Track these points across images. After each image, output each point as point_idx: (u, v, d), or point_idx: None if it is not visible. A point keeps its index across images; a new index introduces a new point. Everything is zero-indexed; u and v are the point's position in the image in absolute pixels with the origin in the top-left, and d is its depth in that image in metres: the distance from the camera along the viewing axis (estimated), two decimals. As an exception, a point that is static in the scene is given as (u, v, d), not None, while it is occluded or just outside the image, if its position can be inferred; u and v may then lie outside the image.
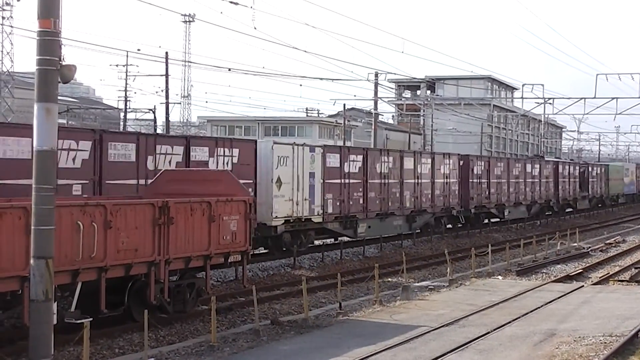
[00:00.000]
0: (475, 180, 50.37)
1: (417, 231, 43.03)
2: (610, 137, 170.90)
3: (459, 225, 49.40)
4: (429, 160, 44.59)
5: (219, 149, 29.12)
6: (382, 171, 39.69)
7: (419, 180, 43.19)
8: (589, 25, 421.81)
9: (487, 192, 52.03)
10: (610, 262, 34.90)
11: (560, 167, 65.76)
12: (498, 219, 54.79)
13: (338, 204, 36.08)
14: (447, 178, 46.11)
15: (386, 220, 40.25)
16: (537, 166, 61.49)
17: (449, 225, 48.66)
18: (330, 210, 35.47)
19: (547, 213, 64.78)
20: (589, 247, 39.86)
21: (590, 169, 75.04)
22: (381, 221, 39.73)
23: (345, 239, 37.69)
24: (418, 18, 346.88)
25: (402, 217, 41.84)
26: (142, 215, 18.17)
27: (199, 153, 28.24)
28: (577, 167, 71.20)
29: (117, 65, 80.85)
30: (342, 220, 36.67)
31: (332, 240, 37.92)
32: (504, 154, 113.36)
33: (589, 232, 51.61)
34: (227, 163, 29.18)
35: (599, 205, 78.06)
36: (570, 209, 70.33)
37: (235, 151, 29.86)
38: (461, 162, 48.77)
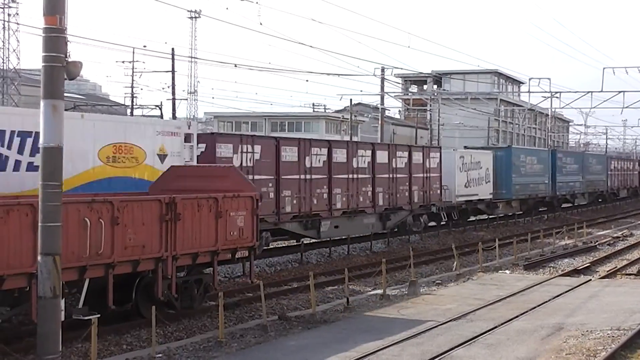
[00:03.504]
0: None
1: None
2: (617, 131, 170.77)
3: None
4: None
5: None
6: None
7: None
8: (596, 19, 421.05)
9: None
10: (618, 255, 34.86)
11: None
12: None
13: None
14: None
15: None
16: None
17: None
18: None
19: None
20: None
21: None
22: None
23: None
24: (424, 12, 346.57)
25: None
26: (149, 212, 18.18)
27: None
28: None
29: (123, 62, 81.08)
30: None
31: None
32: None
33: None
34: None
35: None
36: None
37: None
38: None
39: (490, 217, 51.56)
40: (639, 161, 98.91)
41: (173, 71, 57.06)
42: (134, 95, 75.48)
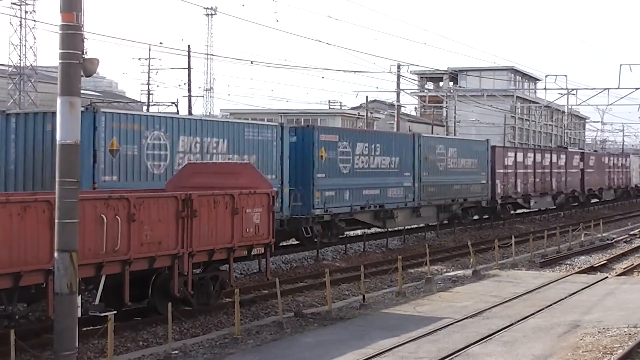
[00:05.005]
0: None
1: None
2: (634, 128, 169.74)
3: None
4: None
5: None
6: None
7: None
8: (613, 15, 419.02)
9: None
10: (635, 253, 34.70)
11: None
12: None
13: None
14: None
15: None
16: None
17: None
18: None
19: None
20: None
21: None
22: None
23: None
24: (440, 9, 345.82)
25: None
26: (166, 208, 18.21)
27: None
28: None
29: (139, 59, 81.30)
30: None
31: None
32: (527, 146, 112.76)
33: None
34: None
35: None
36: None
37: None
38: None
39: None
40: (582, 154, 66.01)
41: (189, 68, 57.18)
42: (150, 92, 75.64)
